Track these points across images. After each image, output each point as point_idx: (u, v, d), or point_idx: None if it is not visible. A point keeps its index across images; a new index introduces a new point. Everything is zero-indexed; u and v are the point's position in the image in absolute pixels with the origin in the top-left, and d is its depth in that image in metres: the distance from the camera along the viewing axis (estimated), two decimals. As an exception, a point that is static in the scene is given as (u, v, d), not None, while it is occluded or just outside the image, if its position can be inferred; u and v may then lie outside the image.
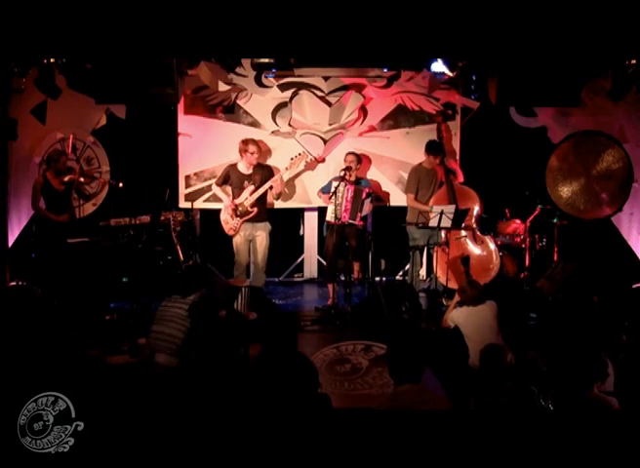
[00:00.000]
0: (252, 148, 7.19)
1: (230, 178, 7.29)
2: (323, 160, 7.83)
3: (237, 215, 7.17)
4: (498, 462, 2.95)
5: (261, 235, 7.23)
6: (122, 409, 3.28)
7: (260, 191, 7.20)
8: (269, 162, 7.70)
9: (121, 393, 3.80)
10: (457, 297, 5.86)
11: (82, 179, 7.15)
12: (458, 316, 5.59)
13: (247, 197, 7.18)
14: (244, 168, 7.26)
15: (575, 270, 6.79)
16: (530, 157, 7.70)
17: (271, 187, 7.30)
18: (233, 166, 7.31)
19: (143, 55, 6.39)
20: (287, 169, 7.43)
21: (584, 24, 5.73)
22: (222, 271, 7.83)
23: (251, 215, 7.17)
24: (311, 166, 7.76)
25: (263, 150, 7.58)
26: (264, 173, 7.27)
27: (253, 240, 7.25)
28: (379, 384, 5.49)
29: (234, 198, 7.23)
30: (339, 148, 7.79)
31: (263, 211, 7.27)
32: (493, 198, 7.44)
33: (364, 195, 7.08)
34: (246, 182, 7.21)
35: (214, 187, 7.46)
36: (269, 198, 7.53)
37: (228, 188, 7.36)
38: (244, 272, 7.31)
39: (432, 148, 7.28)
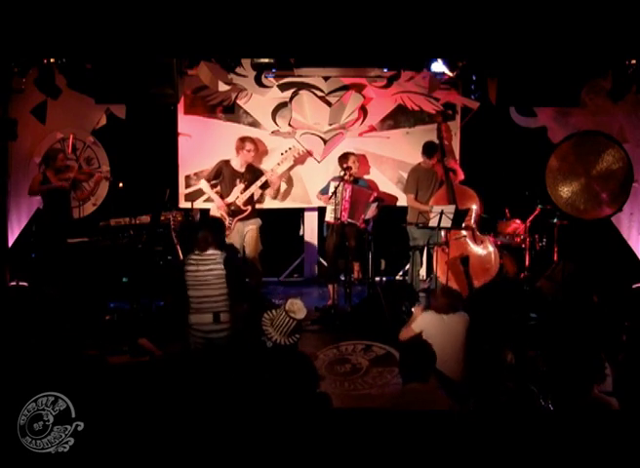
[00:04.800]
0: (249, 146, 7.22)
1: (222, 174, 7.30)
2: (311, 153, 7.83)
3: (230, 215, 7.18)
4: (498, 462, 2.95)
5: (252, 230, 7.25)
6: (122, 409, 3.28)
7: (253, 189, 7.22)
8: (268, 161, 7.71)
9: (121, 393, 3.80)
10: (418, 308, 5.59)
11: (80, 177, 7.16)
12: (425, 321, 5.19)
13: (238, 195, 7.19)
14: (237, 165, 7.28)
15: (575, 270, 6.79)
16: (530, 157, 7.69)
17: (266, 185, 7.32)
18: (226, 162, 7.33)
19: (143, 55, 6.39)
20: (279, 164, 7.47)
21: (584, 24, 5.73)
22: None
23: (244, 214, 7.19)
24: (301, 159, 7.77)
25: (260, 150, 7.60)
26: (256, 174, 7.31)
27: (244, 236, 7.26)
28: (378, 384, 5.49)
29: (224, 196, 7.24)
30: (338, 148, 7.79)
31: (253, 209, 7.31)
32: (493, 198, 7.43)
33: (371, 199, 7.11)
34: (237, 180, 7.22)
35: (202, 182, 7.45)
36: (262, 197, 7.59)
37: (218, 186, 7.37)
38: None
39: (426, 150, 7.29)
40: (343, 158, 7.32)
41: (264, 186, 7.38)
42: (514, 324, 6.06)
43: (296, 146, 7.68)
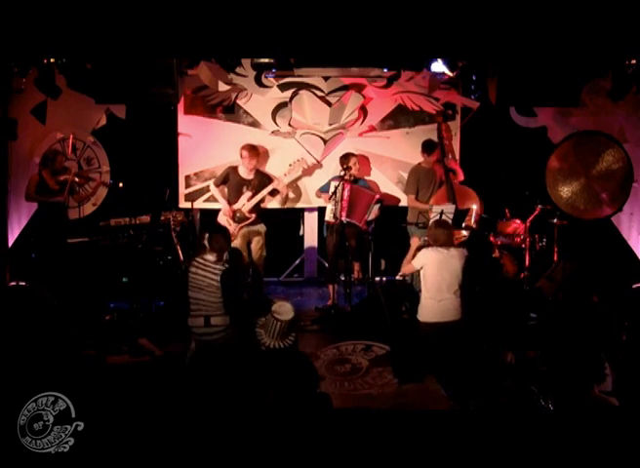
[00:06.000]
0: (243, 153, 7.22)
1: (229, 180, 7.30)
2: (321, 165, 7.84)
3: (235, 221, 7.18)
4: (497, 462, 2.95)
5: (258, 236, 7.25)
6: (122, 408, 3.28)
7: (259, 197, 7.20)
8: (269, 162, 7.71)
9: (121, 393, 3.80)
10: (414, 239, 5.86)
11: (77, 179, 7.15)
12: (426, 257, 5.48)
13: (244, 203, 7.19)
14: (245, 172, 7.28)
15: (575, 270, 6.79)
16: (530, 157, 7.69)
17: (275, 192, 7.35)
18: (234, 168, 7.33)
19: (143, 55, 6.39)
20: (285, 175, 7.48)
21: (584, 24, 5.73)
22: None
23: (248, 221, 7.19)
24: (309, 171, 7.77)
25: (261, 152, 7.58)
26: (263, 180, 7.31)
27: (250, 241, 7.26)
28: (379, 384, 5.48)
29: (231, 202, 7.23)
30: (339, 148, 7.79)
31: (258, 214, 7.29)
32: (493, 198, 7.44)
33: (374, 201, 7.11)
34: (244, 187, 7.21)
35: (212, 187, 7.46)
36: (270, 203, 7.58)
37: (225, 189, 7.38)
38: None
39: (426, 147, 7.30)
40: (344, 158, 7.32)
41: (272, 193, 7.39)
42: (514, 324, 6.05)
43: (305, 158, 7.67)
